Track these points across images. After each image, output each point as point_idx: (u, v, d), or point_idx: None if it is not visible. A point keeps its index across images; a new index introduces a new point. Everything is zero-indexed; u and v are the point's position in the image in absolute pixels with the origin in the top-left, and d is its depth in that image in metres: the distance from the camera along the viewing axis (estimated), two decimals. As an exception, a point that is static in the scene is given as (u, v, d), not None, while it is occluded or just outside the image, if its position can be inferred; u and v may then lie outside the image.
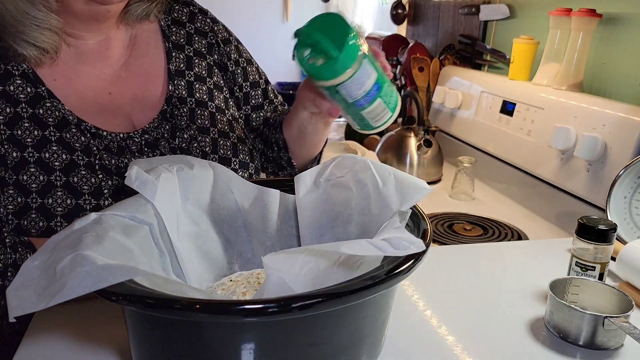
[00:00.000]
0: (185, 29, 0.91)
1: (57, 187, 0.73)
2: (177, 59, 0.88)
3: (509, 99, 1.40)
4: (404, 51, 1.98)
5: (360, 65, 0.66)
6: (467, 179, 1.37)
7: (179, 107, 0.85)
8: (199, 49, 0.91)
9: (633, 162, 0.91)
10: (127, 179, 0.63)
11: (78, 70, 0.80)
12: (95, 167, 0.75)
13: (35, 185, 0.72)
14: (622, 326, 0.62)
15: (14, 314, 0.45)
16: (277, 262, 0.50)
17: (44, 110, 0.75)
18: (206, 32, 0.93)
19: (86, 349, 0.62)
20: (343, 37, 0.65)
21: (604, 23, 1.20)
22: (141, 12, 0.83)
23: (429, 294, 0.77)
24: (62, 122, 0.75)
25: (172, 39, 0.89)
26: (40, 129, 0.74)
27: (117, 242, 0.54)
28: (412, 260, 0.51)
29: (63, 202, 0.73)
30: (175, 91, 0.85)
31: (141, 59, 0.86)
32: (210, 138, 0.86)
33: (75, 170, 0.74)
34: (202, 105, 0.87)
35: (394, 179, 0.64)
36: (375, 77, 0.68)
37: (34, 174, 0.72)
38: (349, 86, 0.67)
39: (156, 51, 0.87)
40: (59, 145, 0.74)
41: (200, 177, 0.68)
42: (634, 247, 0.80)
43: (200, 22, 0.93)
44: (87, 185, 0.74)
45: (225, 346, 0.48)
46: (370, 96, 0.68)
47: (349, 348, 0.53)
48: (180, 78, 0.87)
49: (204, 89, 0.89)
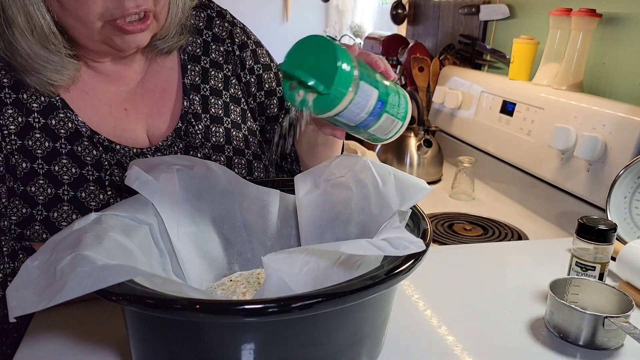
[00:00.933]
0: (202, 37, 0.87)
1: (64, 201, 0.72)
2: (192, 72, 0.85)
3: (509, 99, 1.40)
4: (404, 51, 1.98)
5: (356, 90, 0.58)
6: (467, 179, 1.37)
7: (194, 125, 0.82)
8: (215, 59, 0.87)
9: (633, 162, 0.91)
10: (127, 178, 0.63)
11: (94, 86, 0.78)
12: (105, 182, 0.74)
13: (42, 198, 0.71)
14: (622, 326, 0.62)
15: (14, 314, 0.45)
16: (277, 262, 0.50)
17: (57, 121, 0.73)
18: (224, 39, 0.88)
19: (86, 349, 0.62)
20: (331, 66, 0.56)
21: (604, 23, 1.20)
22: (164, 48, 0.80)
23: (429, 294, 0.77)
24: (75, 134, 0.74)
25: (188, 50, 0.85)
26: (52, 140, 0.73)
27: (117, 242, 0.54)
28: (412, 260, 0.51)
29: (68, 217, 0.72)
30: (190, 107, 0.83)
31: (157, 74, 0.84)
32: (225, 156, 0.83)
33: (84, 185, 0.73)
34: (217, 122, 0.84)
35: (394, 179, 0.64)
36: (376, 95, 0.60)
37: (42, 186, 0.72)
38: (348, 114, 0.60)
39: (171, 65, 0.85)
40: (69, 158, 0.73)
41: (200, 177, 0.68)
42: (634, 247, 0.80)
43: (218, 28, 0.88)
44: (95, 202, 0.73)
45: (225, 346, 0.48)
46: (374, 115, 0.61)
47: (349, 348, 0.53)
48: (195, 93, 0.84)
49: (220, 103, 0.85)
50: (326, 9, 3.43)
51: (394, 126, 0.65)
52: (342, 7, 3.18)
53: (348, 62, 0.56)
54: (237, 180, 0.70)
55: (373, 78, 0.61)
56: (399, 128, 0.66)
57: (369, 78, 0.60)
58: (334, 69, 0.55)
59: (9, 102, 0.71)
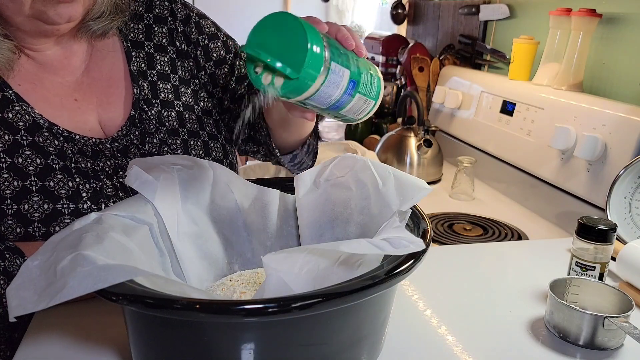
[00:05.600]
0: (143, 22, 0.85)
1: (33, 192, 0.71)
2: (137, 59, 0.83)
3: (509, 99, 1.40)
4: (404, 51, 1.98)
5: (327, 73, 0.53)
6: (467, 179, 1.37)
7: (147, 111, 0.82)
8: (159, 42, 0.85)
9: (633, 162, 0.91)
10: (128, 178, 0.63)
11: (41, 77, 0.77)
12: (72, 170, 0.74)
13: (9, 192, 0.70)
14: (622, 326, 0.62)
15: (14, 314, 0.45)
16: (277, 262, 0.50)
17: (14, 114, 0.73)
18: (165, 18, 0.86)
19: (86, 349, 0.62)
20: (300, 48, 0.50)
21: (604, 23, 1.20)
22: (98, 29, 0.78)
23: (429, 294, 0.77)
24: (34, 125, 0.73)
25: (130, 37, 0.84)
26: (11, 133, 0.72)
27: (118, 242, 0.54)
28: (412, 260, 0.51)
29: (40, 207, 0.71)
30: (141, 94, 0.82)
31: (101, 63, 0.82)
32: (181, 139, 0.83)
33: (51, 175, 0.72)
34: (168, 106, 0.84)
35: (394, 179, 0.64)
36: (348, 75, 0.56)
37: (7, 180, 0.70)
38: (319, 98, 0.55)
39: (115, 53, 0.83)
40: (32, 149, 0.72)
41: (200, 177, 0.68)
42: (634, 247, 0.80)
43: (159, 8, 0.86)
44: (65, 190, 0.73)
45: (225, 346, 0.48)
46: (346, 95, 0.57)
47: (349, 348, 0.53)
48: (143, 79, 0.83)
49: (169, 87, 0.85)
50: (326, 9, 3.43)
51: (366, 106, 0.61)
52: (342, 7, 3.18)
53: (318, 43, 0.51)
54: (238, 180, 0.70)
55: (345, 57, 0.56)
56: (372, 107, 0.63)
57: (340, 58, 0.55)
58: (303, 51, 0.50)
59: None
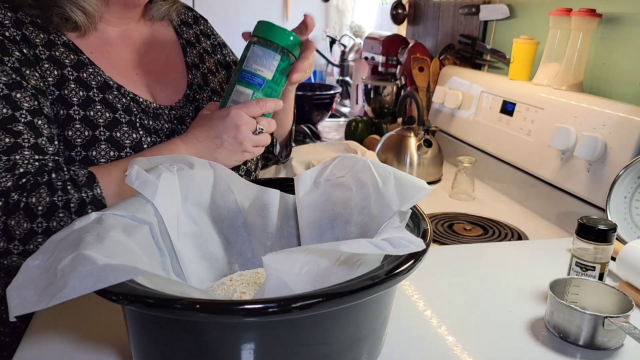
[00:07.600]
0: (192, 30, 1.01)
1: (101, 141, 0.80)
2: (191, 54, 0.98)
3: (509, 99, 1.40)
4: (404, 51, 1.98)
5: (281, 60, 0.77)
6: (467, 179, 1.37)
7: (200, 93, 0.95)
8: (205, 47, 1.01)
9: (633, 162, 0.91)
10: (128, 178, 0.63)
11: (109, 50, 0.87)
12: (136, 124, 0.83)
13: (80, 140, 0.79)
14: (622, 326, 0.62)
15: (14, 313, 0.45)
16: (277, 262, 0.50)
17: (87, 75, 0.82)
18: (209, 35, 1.05)
19: (86, 349, 0.62)
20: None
21: (604, 23, 1.20)
22: (162, 12, 0.94)
23: (429, 294, 0.77)
24: (105, 85, 0.83)
25: (184, 37, 0.99)
26: (85, 90, 0.81)
27: (118, 242, 0.54)
28: (412, 260, 0.51)
29: (107, 154, 0.80)
30: (195, 80, 0.95)
31: (159, 51, 0.94)
32: None
33: (118, 127, 0.81)
34: (217, 95, 0.97)
35: (394, 179, 0.64)
36: (270, 77, 0.78)
37: (79, 129, 0.79)
38: (256, 51, 0.77)
39: (172, 46, 0.97)
40: (102, 104, 0.81)
41: (200, 177, 0.68)
42: (634, 247, 0.80)
43: (204, 26, 1.05)
44: (129, 140, 0.82)
45: (225, 346, 0.48)
46: (255, 78, 0.77)
47: (349, 348, 0.53)
48: (196, 70, 0.96)
49: (216, 80, 0.99)
50: (326, 8, 3.43)
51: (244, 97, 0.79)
52: (342, 7, 3.18)
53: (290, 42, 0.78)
54: (238, 180, 0.70)
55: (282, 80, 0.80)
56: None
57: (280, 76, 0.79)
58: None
59: (44, 58, 0.79)
